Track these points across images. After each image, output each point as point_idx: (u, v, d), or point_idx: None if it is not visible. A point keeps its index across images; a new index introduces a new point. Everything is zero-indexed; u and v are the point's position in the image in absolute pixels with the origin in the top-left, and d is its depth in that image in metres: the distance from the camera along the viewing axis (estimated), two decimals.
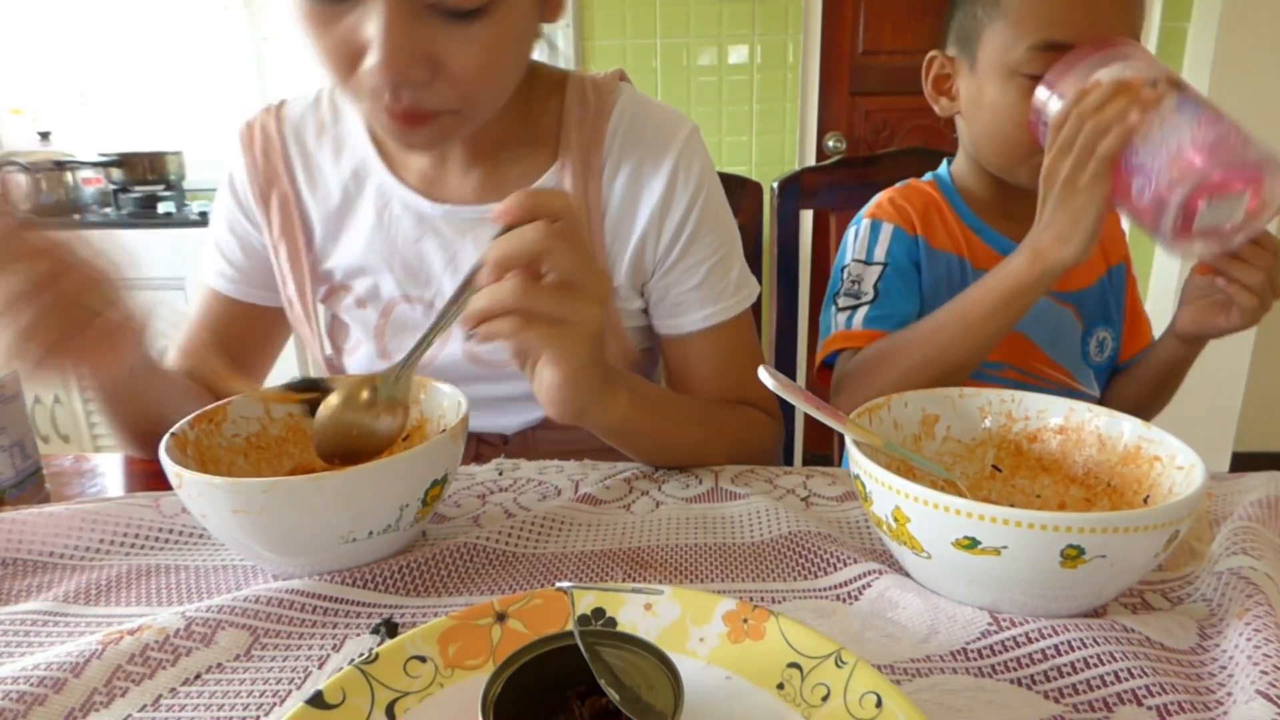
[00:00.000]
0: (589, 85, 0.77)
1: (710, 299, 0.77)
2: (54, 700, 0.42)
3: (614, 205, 0.76)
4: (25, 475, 0.68)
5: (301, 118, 0.80)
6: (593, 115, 0.75)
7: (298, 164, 0.79)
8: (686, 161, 0.75)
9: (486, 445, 0.84)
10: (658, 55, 2.28)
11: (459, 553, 0.55)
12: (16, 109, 2.58)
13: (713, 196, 0.77)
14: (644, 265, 0.77)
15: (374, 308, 0.80)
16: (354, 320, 0.83)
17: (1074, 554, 0.42)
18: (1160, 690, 0.41)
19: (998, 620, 0.46)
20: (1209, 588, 0.50)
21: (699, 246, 0.76)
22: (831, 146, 2.36)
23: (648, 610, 0.44)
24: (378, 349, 0.82)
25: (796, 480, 0.68)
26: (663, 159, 0.75)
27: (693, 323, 0.78)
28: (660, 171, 0.75)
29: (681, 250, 0.76)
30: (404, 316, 0.80)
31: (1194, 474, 0.48)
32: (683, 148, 0.75)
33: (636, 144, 0.75)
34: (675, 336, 0.79)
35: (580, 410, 0.58)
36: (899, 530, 0.48)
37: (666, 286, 0.78)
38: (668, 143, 0.75)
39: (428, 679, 0.41)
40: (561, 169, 0.75)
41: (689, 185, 0.75)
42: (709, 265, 0.77)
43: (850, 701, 0.38)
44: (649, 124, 0.76)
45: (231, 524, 0.49)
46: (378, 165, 0.77)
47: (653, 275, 0.78)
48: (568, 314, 0.51)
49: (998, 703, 0.41)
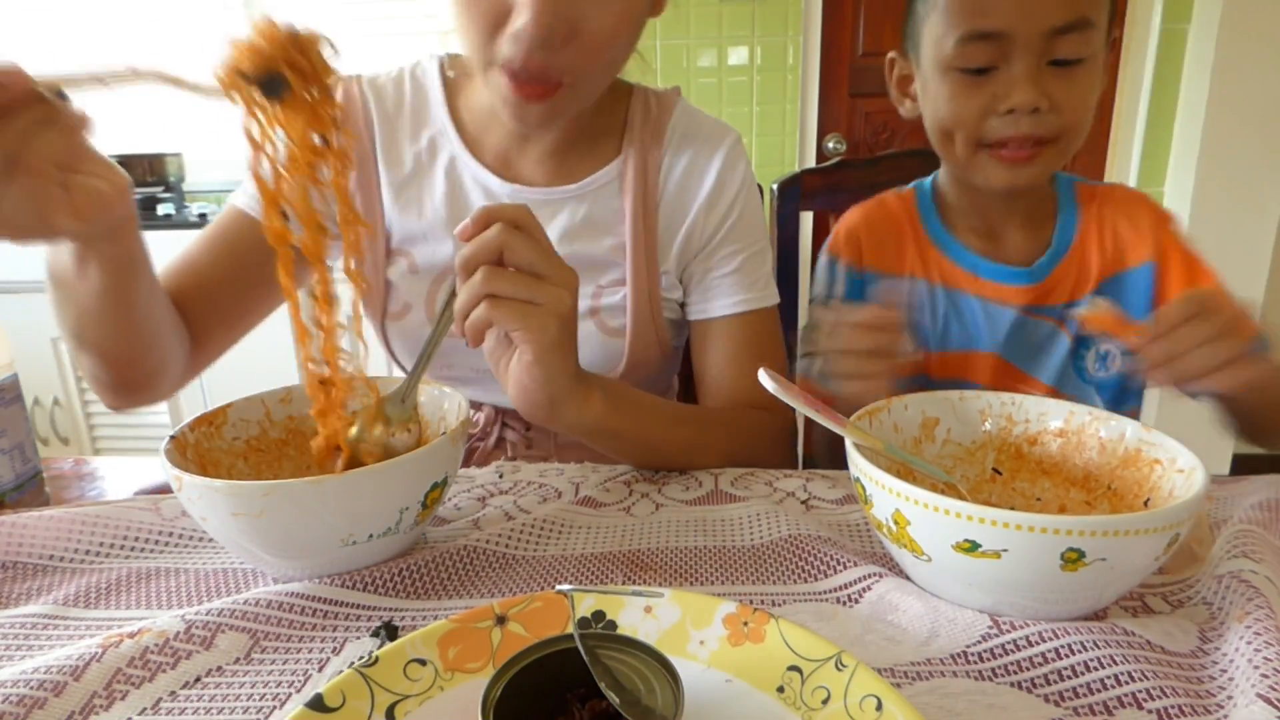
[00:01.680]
0: (651, 95, 0.86)
1: (742, 286, 0.82)
2: (53, 703, 0.42)
3: (669, 194, 0.82)
4: (25, 478, 0.68)
5: (384, 88, 0.83)
6: (655, 118, 0.83)
7: (377, 127, 0.82)
8: (733, 161, 0.83)
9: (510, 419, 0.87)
10: (658, 57, 2.28)
11: (459, 555, 0.55)
12: None
13: (753, 198, 0.85)
14: (690, 249, 0.83)
15: (427, 275, 0.82)
16: (405, 285, 0.83)
17: (1074, 557, 0.42)
18: (1161, 694, 0.41)
19: (998, 624, 0.46)
20: (1209, 591, 0.50)
21: (737, 236, 0.82)
22: (831, 148, 2.36)
23: (648, 613, 0.44)
24: (426, 316, 0.83)
25: (796, 484, 0.68)
26: (713, 157, 0.83)
27: (722, 307, 0.82)
28: (711, 166, 0.82)
29: (723, 238, 0.82)
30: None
31: (1194, 477, 0.48)
32: (730, 150, 0.83)
33: (691, 143, 0.83)
34: (703, 320, 0.83)
35: (551, 401, 0.60)
36: (899, 533, 0.48)
37: (705, 270, 0.83)
38: (718, 144, 0.83)
39: (428, 682, 0.41)
40: (625, 161, 0.81)
41: (734, 180, 0.82)
42: (745, 256, 0.82)
43: (850, 705, 0.38)
44: (702, 128, 0.84)
45: (231, 527, 0.49)
46: (454, 139, 0.81)
47: (695, 257, 0.83)
48: (534, 295, 0.55)
49: (998, 706, 0.41)
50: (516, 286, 0.55)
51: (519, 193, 0.80)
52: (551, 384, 0.59)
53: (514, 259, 0.55)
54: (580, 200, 0.81)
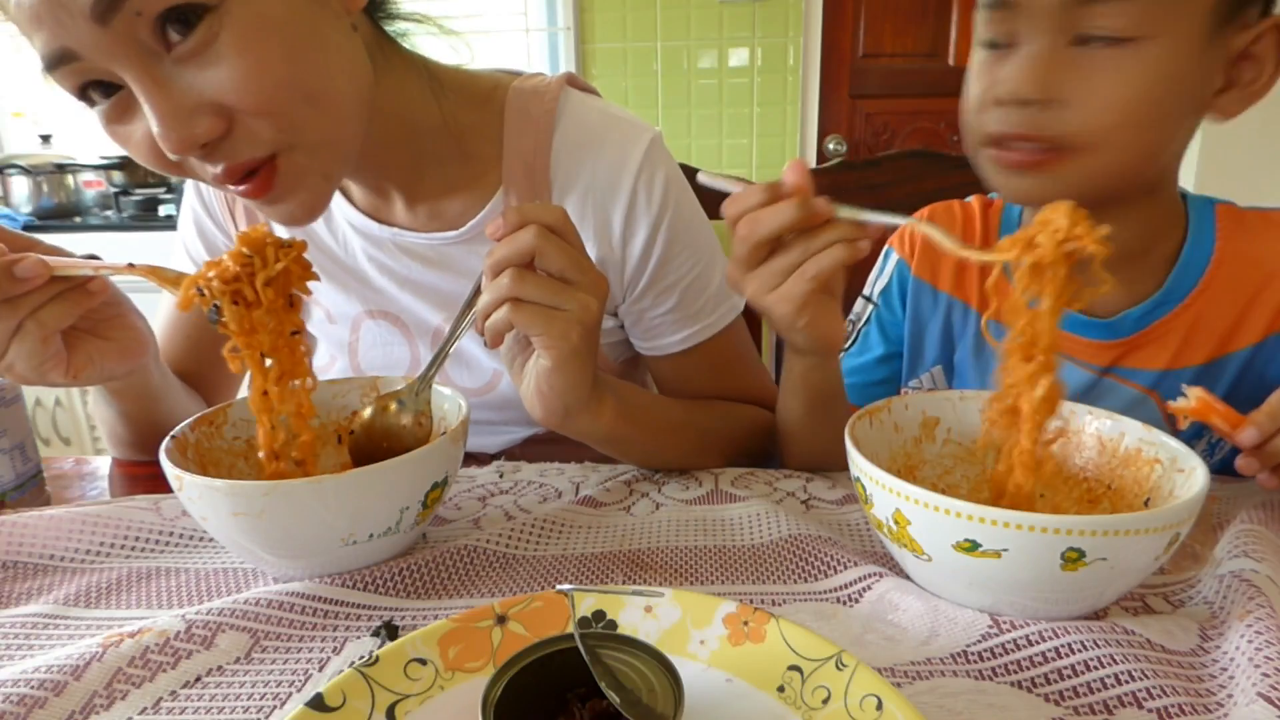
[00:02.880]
0: (530, 97, 0.70)
1: (686, 320, 0.73)
2: (54, 703, 0.42)
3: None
4: (26, 478, 0.68)
5: None
6: (534, 132, 0.69)
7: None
8: (647, 179, 0.69)
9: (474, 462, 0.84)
10: (658, 58, 2.28)
11: (459, 555, 0.55)
12: (18, 112, 2.59)
13: (681, 211, 0.72)
14: (611, 294, 0.70)
15: (344, 324, 0.80)
16: (324, 336, 0.82)
17: (1074, 557, 0.42)
18: (1161, 693, 0.41)
19: (998, 623, 0.46)
20: (1211, 590, 0.50)
21: (670, 269, 0.72)
22: (832, 149, 2.36)
23: (648, 613, 0.44)
24: (351, 365, 0.82)
25: (797, 484, 0.68)
26: (619, 181, 0.69)
27: (671, 345, 0.75)
28: (618, 195, 0.69)
29: (651, 275, 0.72)
30: (373, 334, 0.80)
31: (1195, 477, 0.48)
32: (641, 164, 0.69)
33: (586, 163, 0.69)
34: (656, 358, 0.77)
35: (566, 410, 0.58)
36: (899, 533, 0.48)
37: (640, 312, 0.74)
38: (623, 161, 0.69)
39: (428, 681, 0.41)
40: (506, 196, 0.70)
41: (652, 206, 0.70)
42: (683, 287, 0.73)
43: (851, 704, 0.38)
44: (600, 139, 0.69)
45: (232, 527, 0.49)
46: None
47: (623, 301, 0.75)
48: (560, 301, 0.53)
49: (998, 705, 0.41)
50: (543, 291, 0.52)
51: (400, 235, 0.73)
52: (569, 393, 0.56)
53: (546, 264, 0.52)
54: (467, 246, 0.72)
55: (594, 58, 2.30)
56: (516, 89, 0.71)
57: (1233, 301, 0.65)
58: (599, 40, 2.29)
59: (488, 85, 0.72)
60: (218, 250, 0.81)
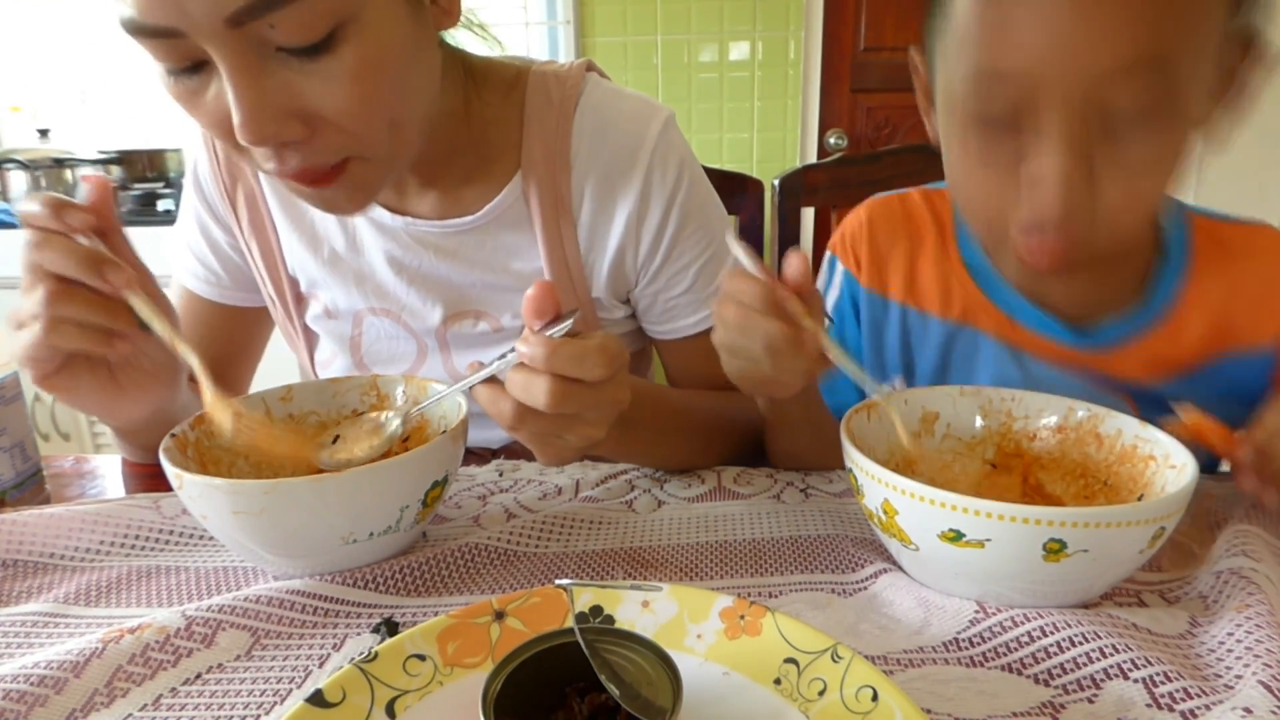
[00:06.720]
0: (551, 81, 0.70)
1: (703, 301, 0.73)
2: (55, 700, 0.42)
3: (586, 214, 0.71)
4: (25, 476, 0.69)
5: None
6: (556, 116, 0.69)
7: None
8: (661, 158, 0.70)
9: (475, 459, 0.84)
10: (658, 52, 2.28)
11: (460, 553, 0.55)
12: (16, 106, 2.58)
13: (695, 190, 0.72)
14: (625, 274, 0.73)
15: (345, 319, 0.79)
16: (324, 331, 0.81)
17: (1056, 548, 0.43)
18: (1146, 663, 0.41)
19: (984, 608, 0.47)
20: (1206, 586, 0.50)
21: (684, 248, 0.72)
22: (833, 144, 2.36)
23: (645, 607, 0.44)
24: (354, 361, 0.80)
25: (796, 475, 0.68)
26: (635, 159, 0.69)
27: (687, 328, 0.75)
28: (633, 173, 0.69)
29: (665, 255, 0.72)
30: (376, 329, 0.79)
31: (1185, 473, 0.48)
32: (656, 143, 0.69)
33: (605, 144, 0.70)
34: (669, 341, 0.77)
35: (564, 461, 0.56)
36: (889, 523, 0.48)
37: (654, 294, 0.74)
38: (639, 140, 0.69)
39: (427, 677, 0.41)
40: (525, 180, 0.70)
41: (665, 184, 0.70)
42: (698, 266, 0.73)
43: (847, 696, 0.38)
44: (618, 120, 0.70)
45: (232, 525, 0.49)
46: None
47: (637, 284, 0.74)
48: (563, 434, 0.51)
49: (988, 692, 0.42)
50: (548, 426, 0.50)
51: (412, 225, 0.72)
52: (580, 454, 0.55)
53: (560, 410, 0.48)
54: (482, 232, 0.72)
55: (594, 52, 2.29)
56: (538, 73, 0.71)
57: (1208, 316, 0.64)
58: (599, 34, 2.28)
59: (511, 73, 0.72)
60: (220, 247, 0.81)
